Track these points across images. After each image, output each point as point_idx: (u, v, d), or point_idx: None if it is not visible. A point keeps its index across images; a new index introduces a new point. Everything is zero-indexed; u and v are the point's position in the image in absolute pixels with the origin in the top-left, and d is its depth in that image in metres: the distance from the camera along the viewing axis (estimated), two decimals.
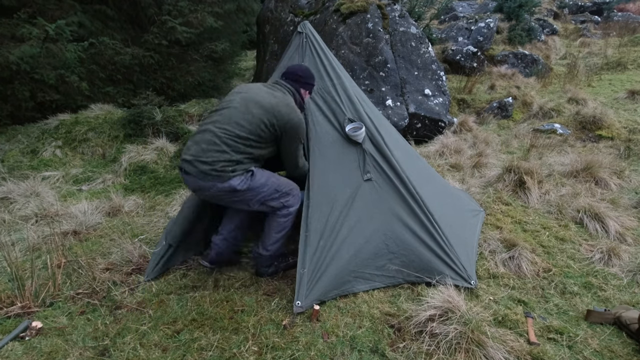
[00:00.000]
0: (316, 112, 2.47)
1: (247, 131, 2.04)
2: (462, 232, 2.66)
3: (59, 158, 4.80)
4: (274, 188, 2.19)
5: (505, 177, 3.70)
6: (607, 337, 1.97)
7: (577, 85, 7.08)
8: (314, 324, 2.02)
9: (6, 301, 2.21)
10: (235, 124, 2.04)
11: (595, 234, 2.93)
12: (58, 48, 4.82)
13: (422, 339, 1.88)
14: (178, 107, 6.25)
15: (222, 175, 2.01)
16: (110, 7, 6.27)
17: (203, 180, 2.03)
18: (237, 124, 2.04)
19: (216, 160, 2.00)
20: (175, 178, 4.40)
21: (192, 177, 2.06)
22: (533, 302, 2.22)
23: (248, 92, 2.15)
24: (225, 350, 1.87)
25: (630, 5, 14.48)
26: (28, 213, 3.42)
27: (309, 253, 2.15)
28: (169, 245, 2.53)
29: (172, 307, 2.20)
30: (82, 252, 2.80)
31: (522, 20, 10.02)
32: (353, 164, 2.40)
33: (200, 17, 6.26)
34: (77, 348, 1.91)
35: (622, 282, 2.41)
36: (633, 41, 9.53)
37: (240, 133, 2.03)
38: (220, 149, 2.02)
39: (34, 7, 5.16)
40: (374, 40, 5.16)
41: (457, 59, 8.23)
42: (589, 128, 5.19)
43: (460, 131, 5.60)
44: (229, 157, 2.02)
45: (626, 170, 3.85)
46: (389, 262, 2.29)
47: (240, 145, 2.04)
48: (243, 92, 2.16)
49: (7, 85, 5.12)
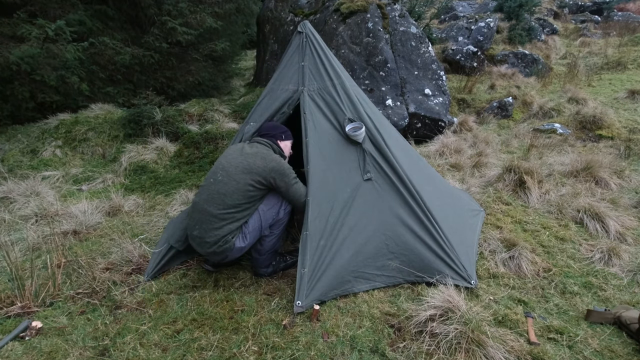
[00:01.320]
0: (316, 112, 2.47)
1: (237, 198, 2.16)
2: (462, 231, 2.65)
3: (59, 158, 4.79)
4: (267, 223, 2.30)
5: (505, 177, 3.70)
6: (607, 337, 1.97)
7: (577, 85, 7.08)
8: (314, 323, 2.01)
9: (6, 301, 2.21)
10: (224, 196, 2.15)
11: (596, 234, 2.93)
12: (58, 48, 4.82)
13: (422, 339, 1.88)
14: (178, 107, 6.25)
15: (227, 246, 2.18)
16: (110, 7, 6.27)
17: (217, 256, 2.24)
18: (226, 196, 2.15)
19: (220, 236, 2.16)
20: (175, 178, 4.40)
21: (203, 251, 2.26)
22: (533, 302, 2.22)
23: (228, 161, 2.27)
24: (225, 350, 1.87)
25: (630, 5, 14.48)
26: (28, 213, 3.42)
27: (310, 253, 2.15)
28: (171, 246, 2.53)
29: (172, 307, 2.20)
30: (82, 252, 2.80)
31: (522, 19, 10.02)
32: (353, 164, 2.40)
33: (200, 18, 6.26)
34: (77, 348, 1.91)
35: (622, 282, 2.41)
36: (633, 41, 9.53)
37: (232, 202, 2.15)
38: (219, 226, 2.15)
39: (35, 5, 5.16)
40: (374, 40, 5.16)
41: (457, 58, 8.23)
42: (589, 128, 5.19)
43: (460, 131, 5.60)
44: (230, 229, 2.17)
45: (626, 170, 3.85)
46: (389, 262, 2.29)
47: (235, 214, 2.17)
48: (224, 162, 2.28)
49: (7, 85, 5.12)
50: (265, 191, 2.26)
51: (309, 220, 2.21)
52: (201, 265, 2.56)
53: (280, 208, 2.32)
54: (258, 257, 2.40)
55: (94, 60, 5.80)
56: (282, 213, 2.33)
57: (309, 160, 2.34)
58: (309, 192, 2.27)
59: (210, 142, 5.05)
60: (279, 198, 2.31)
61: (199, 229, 2.19)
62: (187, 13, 6.24)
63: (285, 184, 2.24)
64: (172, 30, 6.03)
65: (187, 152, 4.93)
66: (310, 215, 2.22)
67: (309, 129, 2.39)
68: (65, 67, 5.10)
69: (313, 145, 2.37)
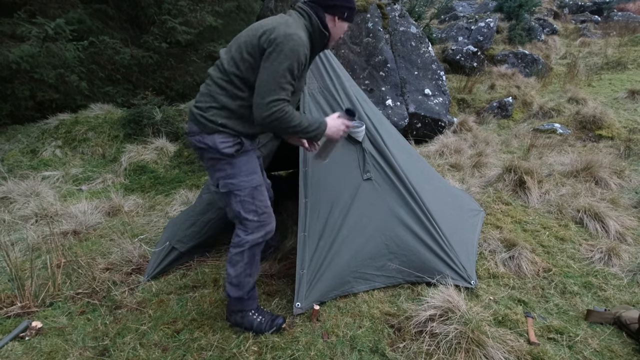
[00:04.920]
0: (316, 111, 2.47)
1: (235, 61, 1.67)
2: (462, 231, 2.65)
3: (58, 158, 4.79)
4: (253, 192, 1.82)
5: (505, 177, 3.70)
6: (607, 337, 1.97)
7: (577, 85, 7.08)
8: (314, 324, 2.01)
9: (6, 301, 2.21)
10: (224, 59, 1.71)
11: (595, 234, 2.93)
12: (58, 47, 4.82)
13: (422, 339, 1.88)
14: (178, 107, 6.25)
15: (207, 126, 1.71)
16: (110, 6, 6.27)
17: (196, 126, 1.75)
18: (226, 58, 1.71)
19: (207, 106, 1.71)
20: (175, 178, 4.40)
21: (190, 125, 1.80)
22: (533, 302, 2.22)
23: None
24: (225, 350, 1.86)
25: (630, 5, 14.48)
26: (28, 213, 3.41)
27: (309, 253, 2.14)
28: (172, 247, 2.53)
29: (172, 307, 2.20)
30: (82, 252, 2.80)
31: (522, 19, 10.01)
32: (353, 164, 2.39)
33: (199, 17, 6.26)
34: (77, 348, 1.91)
35: (622, 282, 2.41)
36: (633, 41, 9.52)
37: (228, 67, 1.68)
38: (209, 91, 1.73)
39: (34, 5, 5.16)
40: (374, 40, 5.15)
41: (457, 58, 8.23)
42: (589, 128, 5.19)
43: (460, 131, 5.59)
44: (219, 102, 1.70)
45: (626, 170, 3.85)
46: (389, 262, 2.29)
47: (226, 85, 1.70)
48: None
49: (7, 84, 5.12)
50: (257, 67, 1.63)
51: (308, 221, 2.20)
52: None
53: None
54: (229, 287, 1.89)
55: (93, 59, 5.81)
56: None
57: (307, 161, 2.32)
58: (307, 193, 2.26)
59: None
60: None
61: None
62: (187, 12, 6.24)
63: (269, 59, 1.58)
64: (172, 29, 6.03)
65: (187, 152, 4.93)
66: (309, 215, 2.22)
67: None
68: (64, 65, 5.10)
69: None
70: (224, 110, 1.71)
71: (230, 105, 1.71)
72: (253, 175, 1.83)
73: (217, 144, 1.71)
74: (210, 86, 1.74)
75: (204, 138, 1.73)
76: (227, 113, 1.71)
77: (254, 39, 1.64)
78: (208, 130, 1.71)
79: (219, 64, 1.74)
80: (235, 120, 1.73)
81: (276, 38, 1.57)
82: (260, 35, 1.62)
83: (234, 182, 1.78)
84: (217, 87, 1.71)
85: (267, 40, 1.59)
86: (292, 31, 1.59)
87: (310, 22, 1.71)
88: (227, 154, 1.73)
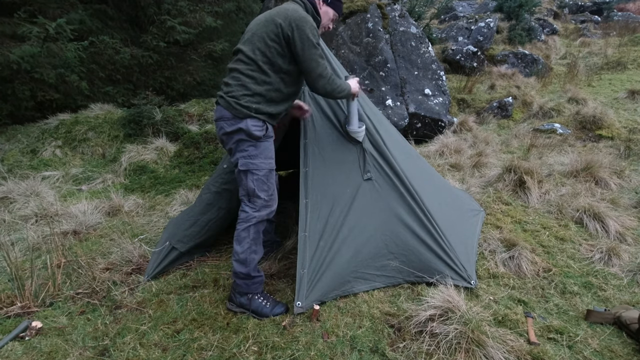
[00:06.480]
0: (316, 111, 2.47)
1: (261, 50, 1.93)
2: (462, 231, 2.65)
3: (58, 158, 4.79)
4: (268, 174, 2.07)
5: (505, 177, 3.70)
6: (607, 337, 1.97)
7: (577, 85, 7.08)
8: (314, 323, 2.01)
9: (6, 301, 2.21)
10: (247, 51, 1.96)
11: (595, 234, 2.93)
12: (58, 47, 4.82)
13: (422, 339, 1.88)
14: (178, 107, 6.26)
15: (242, 111, 1.96)
16: (110, 6, 6.27)
17: (229, 112, 1.99)
18: (249, 50, 1.96)
19: (241, 94, 1.97)
20: (175, 178, 4.40)
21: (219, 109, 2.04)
22: (533, 302, 2.22)
23: (254, 21, 2.07)
24: (225, 350, 1.87)
25: (630, 5, 14.49)
26: (28, 213, 3.41)
27: (309, 253, 2.14)
28: (172, 247, 2.53)
29: (172, 307, 2.20)
30: (82, 252, 2.80)
31: (522, 20, 10.02)
32: (353, 164, 2.39)
33: (199, 17, 6.26)
34: (77, 348, 1.91)
35: (622, 282, 2.41)
36: (633, 41, 9.52)
37: (255, 57, 1.94)
38: (241, 82, 1.97)
39: (34, 5, 5.16)
40: (374, 40, 5.16)
41: (457, 58, 8.23)
42: (589, 128, 5.19)
43: (460, 131, 5.60)
44: (251, 89, 1.97)
45: (626, 170, 3.85)
46: (389, 262, 2.29)
47: (255, 74, 1.96)
48: (251, 24, 2.08)
49: (7, 84, 5.12)
50: (283, 52, 1.94)
51: (308, 221, 2.20)
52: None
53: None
54: (235, 265, 2.06)
55: (93, 59, 5.82)
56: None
57: (307, 162, 2.32)
58: (308, 193, 2.27)
59: (210, 142, 5.05)
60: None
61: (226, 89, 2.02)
62: (187, 12, 6.25)
63: (301, 42, 1.89)
64: (171, 29, 6.04)
65: (187, 152, 4.94)
66: (309, 215, 2.22)
67: (308, 129, 2.39)
68: (65, 65, 5.11)
69: (312, 146, 2.36)
70: (255, 96, 1.98)
71: (261, 91, 1.98)
72: (270, 160, 2.09)
73: (250, 127, 1.97)
74: (239, 78, 1.99)
75: (238, 122, 1.98)
76: (259, 98, 1.99)
77: (273, 27, 1.91)
78: (242, 115, 1.97)
79: (242, 58, 1.98)
80: (265, 104, 2.00)
81: (294, 21, 1.89)
82: (279, 24, 1.90)
83: (255, 162, 2.03)
84: (247, 77, 1.97)
85: (288, 25, 1.89)
86: (303, 14, 1.93)
87: (305, 9, 2.05)
88: (255, 136, 2.00)
